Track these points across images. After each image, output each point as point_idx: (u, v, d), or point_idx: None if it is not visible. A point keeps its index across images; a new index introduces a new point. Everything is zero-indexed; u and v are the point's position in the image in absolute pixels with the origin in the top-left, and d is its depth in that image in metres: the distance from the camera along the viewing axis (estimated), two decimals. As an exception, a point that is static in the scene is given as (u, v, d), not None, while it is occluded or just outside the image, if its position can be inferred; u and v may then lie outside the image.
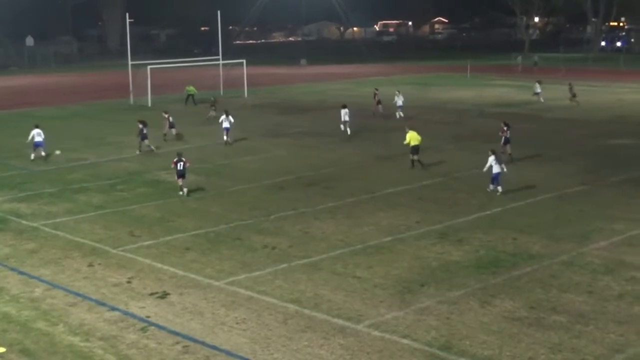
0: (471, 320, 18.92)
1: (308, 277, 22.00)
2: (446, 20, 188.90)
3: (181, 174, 31.89)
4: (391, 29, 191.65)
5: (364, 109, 54.72)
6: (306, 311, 19.59)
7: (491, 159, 30.95)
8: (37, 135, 40.12)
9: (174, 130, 45.88)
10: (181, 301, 20.39)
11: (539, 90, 62.32)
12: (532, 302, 19.89)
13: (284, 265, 23.08)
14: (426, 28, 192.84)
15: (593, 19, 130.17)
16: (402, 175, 35.16)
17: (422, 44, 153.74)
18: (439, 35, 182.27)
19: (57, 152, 41.02)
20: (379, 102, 54.66)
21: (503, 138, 37.63)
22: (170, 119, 46.05)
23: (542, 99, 61.47)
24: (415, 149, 36.14)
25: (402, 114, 53.09)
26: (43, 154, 40.04)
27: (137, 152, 41.72)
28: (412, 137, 36.25)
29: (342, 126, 46.33)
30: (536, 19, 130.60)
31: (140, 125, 41.55)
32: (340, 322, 18.91)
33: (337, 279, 21.90)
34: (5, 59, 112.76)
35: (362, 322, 18.85)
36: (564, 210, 28.96)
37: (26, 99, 70.28)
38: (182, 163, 31.73)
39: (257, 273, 22.41)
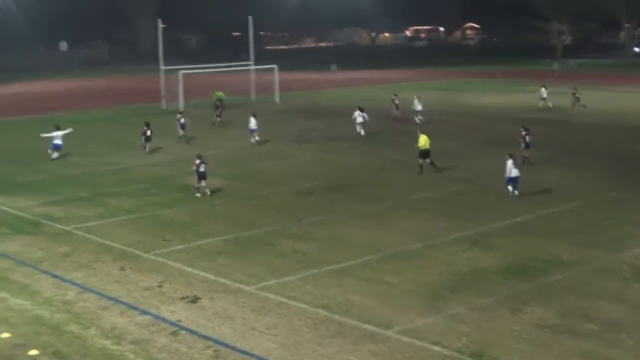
0: (502, 327, 18.83)
1: (338, 283, 22.01)
2: (477, 26, 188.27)
3: (202, 176, 32.54)
4: (422, 35, 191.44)
5: (390, 113, 54.62)
6: (336, 317, 19.60)
7: (509, 163, 31.17)
8: (56, 137, 41.91)
9: (181, 132, 47.17)
10: (212, 306, 20.48)
11: (545, 95, 62.26)
12: (563, 310, 19.75)
13: (314, 270, 23.11)
14: (457, 34, 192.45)
15: (626, 25, 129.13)
16: (430, 180, 35.07)
17: (453, 50, 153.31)
18: (471, 41, 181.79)
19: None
20: (397, 107, 55.41)
21: (523, 142, 37.65)
22: (182, 120, 47.45)
23: (550, 104, 61.32)
24: (425, 153, 36.36)
25: (421, 118, 53.52)
26: (55, 154, 41.91)
27: (146, 150, 43.45)
28: (424, 141, 36.50)
29: (357, 127, 47.30)
30: (568, 25, 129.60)
31: (145, 127, 43.59)
32: (370, 328, 18.90)
33: (367, 284, 21.89)
34: (39, 64, 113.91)
35: (392, 328, 18.82)
36: (595, 216, 28.75)
37: (59, 103, 70.96)
38: (203, 165, 32.40)
39: (287, 278, 22.45)
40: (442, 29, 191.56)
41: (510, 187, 31.45)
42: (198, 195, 32.63)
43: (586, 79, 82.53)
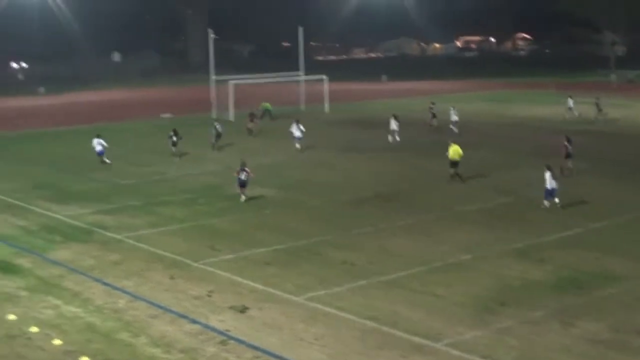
0: (552, 341, 18.61)
1: (386, 294, 21.95)
2: (529, 37, 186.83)
3: (243, 184, 33.26)
4: (473, 45, 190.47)
5: (441, 125, 54.40)
6: (384, 328, 19.54)
7: (547, 175, 31.08)
8: (97, 144, 43.61)
9: (217, 139, 48.33)
10: (260, 315, 20.56)
11: (571, 105, 62.11)
12: (615, 325, 19.47)
13: (363, 281, 23.08)
14: (508, 44, 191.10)
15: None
16: (478, 192, 34.85)
17: (504, 60, 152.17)
18: (522, 52, 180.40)
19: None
20: (434, 116, 56.40)
21: (565, 152, 37.51)
22: (218, 127, 48.69)
23: (576, 113, 61.24)
24: (455, 163, 36.68)
25: (456, 130, 53.61)
26: (107, 160, 43.11)
27: (177, 158, 44.84)
28: (454, 151, 36.72)
29: (389, 136, 48.76)
30: (622, 35, 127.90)
31: (171, 133, 45.85)
32: (418, 340, 18.81)
33: (416, 296, 21.81)
34: (93, 74, 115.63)
35: (440, 341, 18.71)
36: (649, 230, 28.32)
37: (112, 113, 71.93)
38: (245, 173, 33.07)
39: (336, 289, 22.45)
40: (492, 39, 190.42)
41: (547, 200, 31.26)
42: (243, 198, 33.53)
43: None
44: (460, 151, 36.85)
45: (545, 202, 31.33)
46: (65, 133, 58.03)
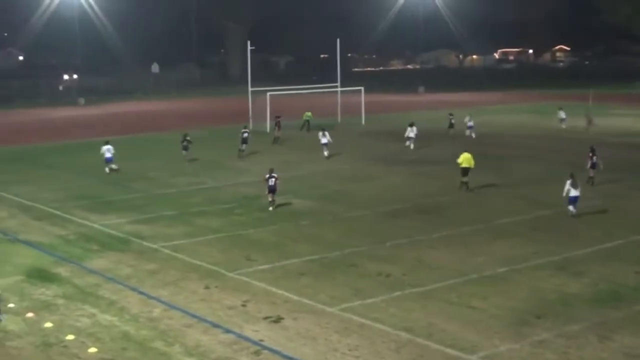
0: (590, 355, 18.39)
1: (421, 306, 21.83)
2: (567, 48, 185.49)
3: (272, 190, 33.80)
4: (511, 57, 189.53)
5: (479, 137, 54.13)
6: (419, 340, 19.43)
7: (568, 183, 31.40)
8: (107, 151, 44.49)
9: (244, 146, 49.46)
10: (295, 326, 20.54)
11: (563, 116, 63.04)
12: (654, 339, 19.20)
13: (398, 293, 22.98)
14: (547, 56, 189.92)
15: None
16: (516, 204, 34.61)
17: (542, 72, 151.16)
18: (560, 64, 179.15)
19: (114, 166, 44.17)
20: (451, 126, 59.11)
21: (589, 162, 38.06)
22: (245, 134, 49.87)
23: (563, 126, 62.03)
24: (465, 171, 37.32)
25: (473, 135, 56.86)
26: (114, 166, 44.56)
27: (186, 162, 47.13)
28: (465, 159, 37.30)
29: (407, 142, 51.46)
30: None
31: (182, 138, 48.29)
32: (453, 352, 18.68)
33: (451, 308, 21.67)
34: (132, 85, 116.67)
35: (476, 353, 18.57)
36: (690, 244, 27.90)
37: (150, 124, 72.48)
38: (274, 179, 33.58)
39: (371, 300, 22.37)
40: (530, 51, 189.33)
41: (570, 207, 31.63)
42: (270, 208, 34.00)
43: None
44: (472, 159, 37.35)
45: (570, 208, 31.65)
46: (102, 144, 58.47)
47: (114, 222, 32.63)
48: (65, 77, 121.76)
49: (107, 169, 44.33)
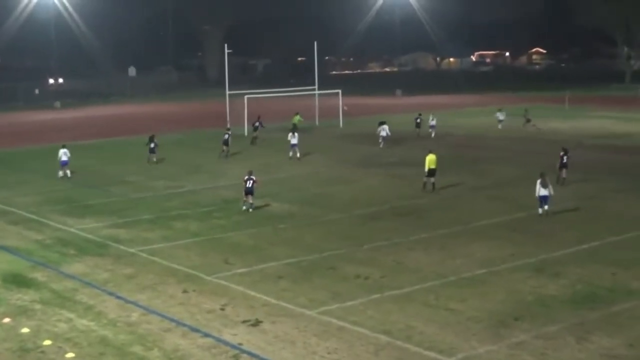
0: (567, 356, 18.49)
1: (400, 308, 21.86)
2: (544, 51, 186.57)
3: (249, 191, 34.01)
4: (488, 60, 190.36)
5: (457, 140, 54.33)
6: (398, 343, 19.45)
7: (538, 183, 32.17)
8: (63, 154, 44.40)
9: (226, 148, 50.21)
10: (273, 329, 20.51)
11: (501, 118, 65.64)
12: (631, 340, 19.31)
13: (376, 295, 23.00)
14: (524, 59, 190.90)
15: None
16: (494, 206, 34.75)
17: (519, 75, 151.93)
18: (537, 66, 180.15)
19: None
20: (417, 125, 61.10)
21: (559, 162, 39.16)
22: (226, 136, 50.76)
23: (500, 127, 64.45)
24: (431, 172, 38.05)
25: (433, 134, 59.88)
26: (68, 172, 44.29)
27: (151, 161, 48.42)
28: (430, 160, 38.00)
29: (379, 139, 53.55)
30: (638, 49, 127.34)
31: (148, 139, 48.94)
32: (432, 354, 18.71)
33: (430, 310, 21.71)
34: (109, 89, 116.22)
35: (454, 356, 18.61)
36: (666, 245, 28.12)
37: (127, 127, 72.16)
38: (251, 181, 33.84)
39: (349, 303, 22.38)
40: (507, 53, 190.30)
41: (540, 209, 32.27)
42: (244, 208, 34.31)
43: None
44: (435, 160, 38.14)
45: (540, 210, 32.22)
46: (79, 147, 58.22)
47: (91, 226, 32.46)
48: (51, 81, 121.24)
49: (60, 173, 44.22)
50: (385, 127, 54.24)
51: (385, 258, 26.93)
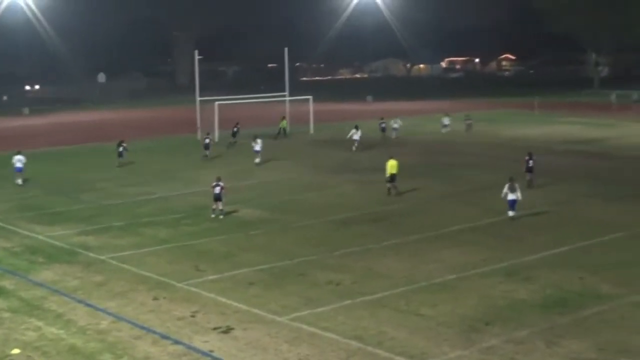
0: (537, 360, 18.57)
1: (371, 314, 21.86)
2: (513, 57, 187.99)
3: (218, 198, 34.14)
4: (458, 66, 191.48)
5: (428, 146, 54.49)
6: (369, 348, 19.44)
7: (506, 187, 32.85)
8: (17, 161, 44.01)
9: (205, 152, 51.96)
10: (245, 336, 20.42)
11: (446, 122, 66.85)
12: (600, 344, 19.44)
13: (348, 301, 22.99)
14: (493, 65, 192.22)
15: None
16: (467, 212, 34.88)
17: (489, 81, 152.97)
18: (506, 72, 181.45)
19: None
20: (383, 130, 62.55)
21: (525, 166, 40.13)
22: (207, 140, 52.47)
23: (443, 131, 66.03)
24: (392, 177, 38.72)
25: (394, 135, 62.49)
26: (20, 180, 43.86)
27: (117, 168, 49.27)
28: (391, 166, 38.68)
29: (354, 143, 55.17)
30: (606, 56, 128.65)
31: (117, 144, 50.48)
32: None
33: (401, 316, 21.73)
34: (78, 95, 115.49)
35: (425, 361, 18.64)
36: (634, 249, 28.36)
37: (97, 134, 71.67)
38: (219, 187, 33.97)
39: (321, 309, 22.35)
40: (477, 60, 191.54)
41: (509, 212, 32.82)
42: (212, 216, 34.17)
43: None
44: (396, 165, 38.81)
45: (510, 213, 32.74)
46: (49, 154, 57.81)
47: (60, 234, 32.19)
48: (27, 87, 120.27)
49: (18, 180, 43.80)
50: (359, 131, 56.00)
51: (356, 264, 26.93)
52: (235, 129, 59.65)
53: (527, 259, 27.16)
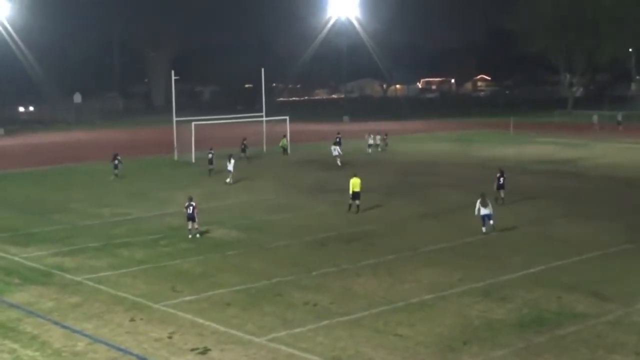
0: (515, 380, 18.61)
1: (349, 334, 21.84)
2: (489, 78, 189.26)
3: (191, 217, 34.12)
4: (434, 87, 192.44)
5: (404, 166, 54.66)
6: (347, 369, 19.41)
7: (478, 202, 33.94)
8: None
9: (210, 165, 53.92)
10: (222, 357, 20.34)
11: (371, 142, 68.71)
12: (577, 363, 19.53)
13: (325, 322, 22.96)
14: (469, 85, 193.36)
15: (638, 77, 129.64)
16: (443, 232, 34.99)
17: (464, 101, 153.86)
18: (482, 93, 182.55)
19: None
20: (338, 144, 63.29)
21: (496, 183, 41.17)
22: (210, 155, 53.91)
23: (369, 150, 67.67)
24: (356, 195, 39.54)
25: (370, 151, 66.66)
26: None
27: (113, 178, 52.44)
28: (355, 184, 39.59)
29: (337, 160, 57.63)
30: (579, 77, 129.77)
31: (112, 156, 54.03)
32: (381, 380, 18.70)
33: (379, 336, 21.73)
34: (53, 115, 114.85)
35: (403, 381, 18.62)
36: (610, 269, 28.55)
37: (72, 154, 71.34)
38: (192, 207, 33.98)
39: (298, 330, 22.30)
40: (453, 80, 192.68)
41: (483, 228, 33.78)
42: (190, 236, 34.25)
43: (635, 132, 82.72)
44: (359, 183, 39.55)
45: (483, 229, 33.72)
46: (26, 175, 57.42)
47: (35, 255, 31.95)
48: (21, 109, 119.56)
49: None
50: (337, 147, 59.15)
51: (334, 284, 26.92)
52: (243, 145, 62.66)
53: (504, 278, 27.27)
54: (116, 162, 53.77)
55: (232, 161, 50.37)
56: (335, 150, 58.60)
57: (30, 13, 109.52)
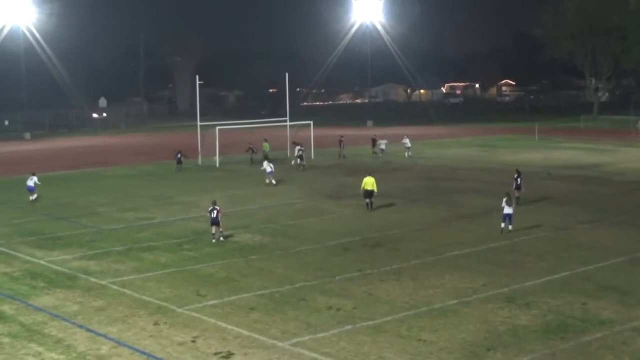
0: (539, 387, 18.50)
1: (373, 340, 21.81)
2: (514, 83, 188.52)
3: (215, 222, 34.31)
4: (458, 92, 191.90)
5: (428, 171, 54.51)
6: (370, 374, 19.38)
7: (504, 201, 34.91)
8: (29, 180, 47.01)
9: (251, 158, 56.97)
10: (245, 361, 20.36)
11: (383, 147, 69.44)
12: (602, 370, 19.39)
13: (349, 327, 22.94)
14: (493, 90, 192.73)
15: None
16: (468, 237, 34.85)
17: (489, 107, 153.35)
18: (507, 98, 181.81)
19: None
20: (342, 146, 67.76)
21: (515, 184, 42.13)
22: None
23: (380, 155, 68.46)
24: (369, 194, 41.00)
25: (407, 154, 67.61)
26: (31, 197, 46.40)
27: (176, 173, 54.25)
28: (367, 183, 41.00)
29: (297, 160, 59.58)
30: (605, 82, 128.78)
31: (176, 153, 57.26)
32: (405, 386, 18.66)
33: (402, 342, 21.68)
34: (79, 120, 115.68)
35: (427, 387, 18.57)
36: (635, 275, 28.32)
37: (98, 159, 71.80)
38: (216, 211, 34.10)
39: (322, 335, 22.30)
40: (477, 85, 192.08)
41: (503, 224, 35.00)
42: (214, 240, 34.41)
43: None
44: (375, 183, 40.92)
45: (502, 225, 34.60)
46: (50, 178, 57.79)
47: (61, 259, 32.17)
48: (48, 113, 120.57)
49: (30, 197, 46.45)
50: (300, 147, 60.60)
51: (357, 289, 26.90)
52: (300, 152, 62.38)
53: (528, 284, 27.12)
54: (180, 156, 59.21)
55: (270, 164, 51.78)
56: (300, 151, 59.94)
57: (57, 19, 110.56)
